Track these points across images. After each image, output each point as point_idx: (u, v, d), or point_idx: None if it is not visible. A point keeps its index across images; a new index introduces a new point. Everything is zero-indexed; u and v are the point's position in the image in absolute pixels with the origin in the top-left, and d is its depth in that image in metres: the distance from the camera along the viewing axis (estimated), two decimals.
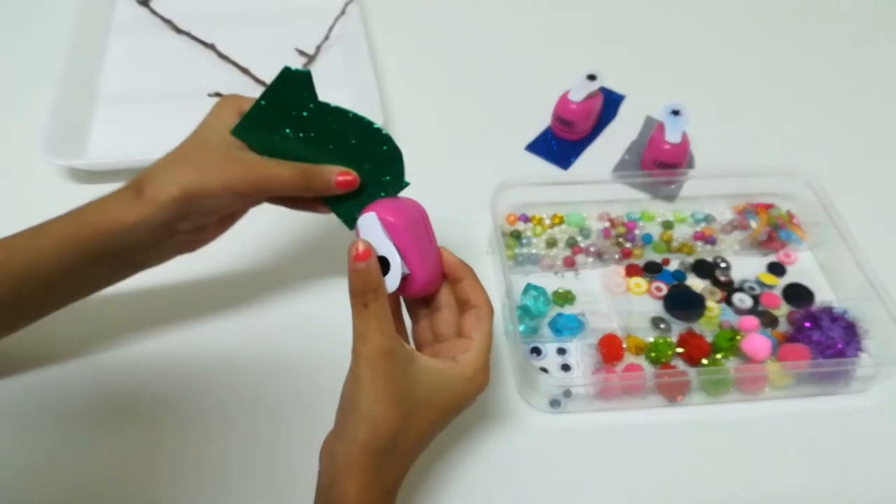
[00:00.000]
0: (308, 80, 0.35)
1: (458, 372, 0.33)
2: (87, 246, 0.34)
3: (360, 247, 0.30)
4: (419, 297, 0.37)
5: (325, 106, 0.36)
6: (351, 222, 0.38)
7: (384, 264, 0.33)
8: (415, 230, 0.35)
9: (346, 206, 0.37)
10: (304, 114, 0.35)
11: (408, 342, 0.37)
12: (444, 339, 0.36)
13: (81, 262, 0.35)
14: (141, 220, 0.34)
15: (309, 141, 0.36)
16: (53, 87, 0.56)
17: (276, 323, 0.46)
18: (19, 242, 0.35)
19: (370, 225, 0.34)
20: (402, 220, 0.34)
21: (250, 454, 0.40)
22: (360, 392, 0.30)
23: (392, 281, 0.33)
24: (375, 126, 0.35)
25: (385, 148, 0.36)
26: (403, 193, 0.37)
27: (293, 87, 0.35)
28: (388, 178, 0.36)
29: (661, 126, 0.53)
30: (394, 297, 0.36)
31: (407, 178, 0.37)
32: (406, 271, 0.34)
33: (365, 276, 0.30)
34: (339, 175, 0.36)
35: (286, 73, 0.35)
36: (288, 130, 0.36)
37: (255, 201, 0.38)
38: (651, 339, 0.45)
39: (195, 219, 0.36)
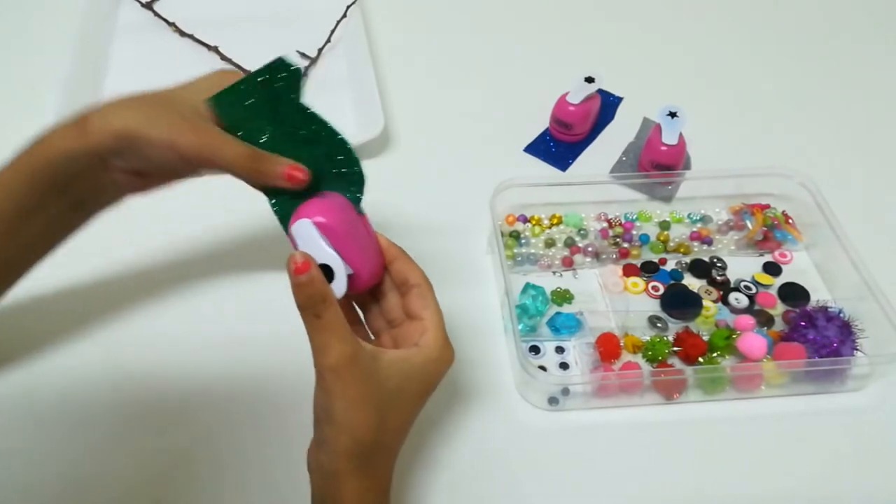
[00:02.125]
0: (298, 75, 0.34)
1: (423, 356, 0.33)
2: (36, 178, 0.34)
3: (298, 259, 0.29)
4: (367, 289, 0.36)
5: (305, 109, 0.35)
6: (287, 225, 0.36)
7: (327, 272, 0.32)
8: (350, 226, 0.33)
9: (289, 206, 0.35)
10: (283, 108, 0.35)
11: (365, 333, 0.37)
12: (397, 323, 0.36)
13: (32, 197, 0.34)
14: (79, 148, 0.33)
15: (277, 137, 0.35)
16: (58, 88, 0.56)
17: (280, 324, 0.46)
18: None
19: (306, 232, 0.32)
20: (337, 219, 0.33)
21: (251, 457, 0.40)
22: (332, 402, 0.30)
23: (339, 287, 0.32)
24: (348, 145, 0.35)
25: (354, 169, 0.35)
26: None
27: (282, 78, 0.34)
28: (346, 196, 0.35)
29: (658, 128, 0.54)
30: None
31: (407, 178, 0.37)
32: (350, 271, 0.33)
33: (309, 288, 0.29)
34: (290, 168, 0.34)
35: (279, 63, 0.34)
36: (261, 119, 0.35)
37: (201, 168, 0.36)
38: (648, 338, 0.45)
39: (130, 160, 0.34)
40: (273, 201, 0.35)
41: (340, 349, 0.30)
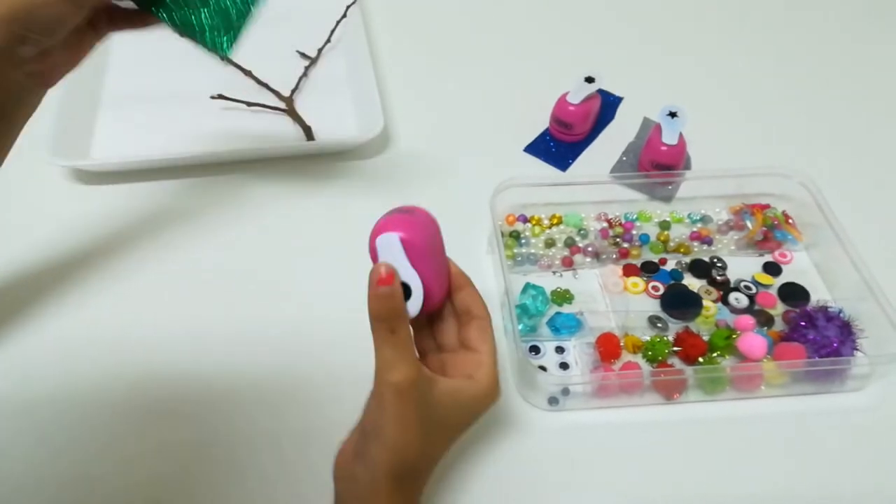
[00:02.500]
0: None
1: (476, 389, 0.33)
2: None
3: (384, 271, 0.29)
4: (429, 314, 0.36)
5: None
6: (177, 21, 0.36)
7: (405, 290, 0.31)
8: (431, 247, 0.33)
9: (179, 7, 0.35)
10: None
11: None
12: (447, 349, 0.36)
13: None
14: None
15: None
16: (58, 88, 0.55)
17: (291, 328, 0.46)
18: None
19: (391, 247, 0.31)
20: (423, 241, 0.32)
21: (252, 456, 0.40)
22: (386, 420, 0.30)
23: (413, 307, 0.32)
24: None
25: None
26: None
27: None
28: None
29: (658, 128, 0.54)
30: None
31: (407, 178, 0.36)
32: (423, 293, 0.32)
33: (390, 301, 0.29)
34: None
35: None
36: None
37: (88, 9, 0.35)
38: (648, 338, 0.45)
39: (34, 40, 0.34)
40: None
41: (407, 370, 0.29)
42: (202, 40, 0.36)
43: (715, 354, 0.44)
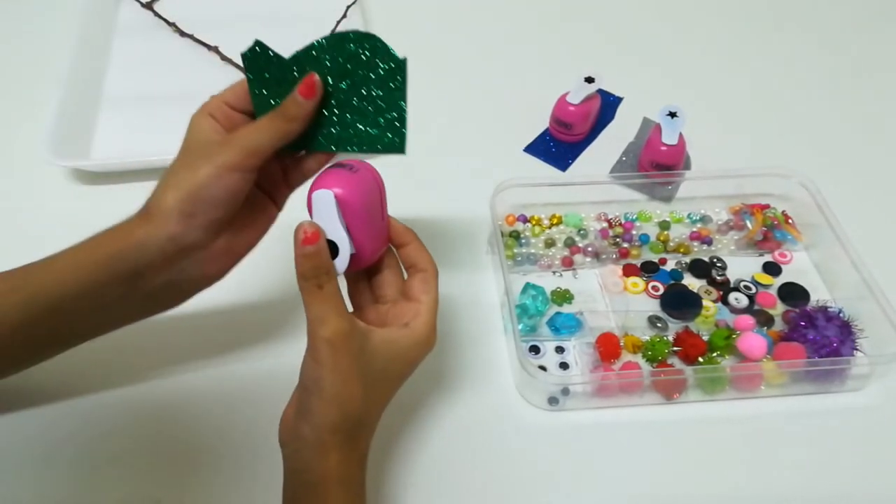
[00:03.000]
0: (264, 49, 0.34)
1: (412, 339, 0.33)
2: (100, 267, 0.33)
3: (309, 229, 0.30)
4: (359, 270, 0.36)
5: (298, 54, 0.34)
6: (336, 142, 0.34)
7: (332, 248, 0.32)
8: (369, 208, 0.33)
9: (325, 127, 0.34)
10: (285, 72, 0.34)
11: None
12: (385, 300, 0.36)
13: (94, 284, 0.33)
14: (149, 236, 0.33)
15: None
16: (58, 88, 0.56)
17: (292, 328, 0.46)
18: (35, 268, 0.34)
19: (325, 204, 0.32)
20: (359, 199, 0.33)
21: (252, 457, 0.40)
22: (324, 374, 0.30)
23: (340, 265, 0.32)
24: (346, 34, 0.33)
25: (362, 53, 0.33)
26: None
27: (261, 60, 0.34)
28: (379, 91, 0.33)
29: (657, 128, 0.54)
30: None
31: (407, 178, 0.36)
32: (352, 251, 0.33)
33: (315, 258, 0.30)
34: (299, 87, 0.33)
35: (248, 56, 0.34)
36: (284, 89, 0.34)
37: (254, 172, 0.34)
38: (648, 338, 0.45)
39: (202, 220, 0.33)
40: (315, 141, 0.35)
41: (338, 322, 0.30)
42: (374, 149, 0.34)
43: (715, 354, 0.44)
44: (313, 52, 0.34)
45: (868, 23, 0.72)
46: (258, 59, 0.34)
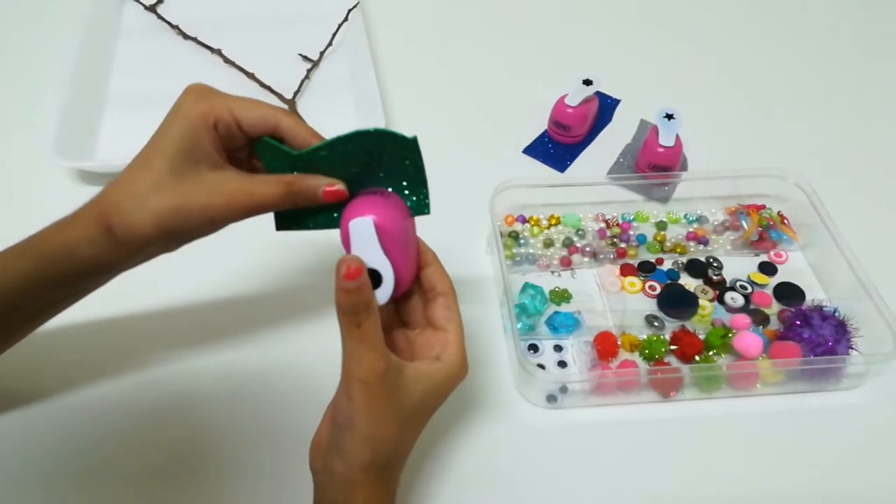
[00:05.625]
0: (270, 145, 0.33)
1: (445, 373, 0.32)
2: (50, 283, 0.32)
3: (353, 265, 0.28)
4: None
5: (310, 151, 0.33)
6: (319, 225, 0.34)
7: (375, 277, 0.30)
8: (405, 233, 0.32)
9: (322, 215, 0.34)
10: (294, 165, 0.33)
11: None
12: (413, 326, 0.35)
13: (40, 291, 0.33)
14: (116, 262, 0.32)
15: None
16: (63, 90, 0.57)
17: (294, 327, 0.46)
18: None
19: (365, 231, 0.30)
20: (396, 225, 0.31)
21: (252, 457, 0.41)
22: (358, 413, 0.29)
23: (383, 295, 0.31)
24: (354, 135, 0.32)
25: (418, 167, 0.33)
26: None
27: (274, 153, 0.33)
28: (396, 170, 0.33)
29: (654, 129, 0.55)
30: None
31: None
32: (394, 277, 0.32)
33: (356, 295, 0.28)
34: (327, 187, 0.33)
35: (261, 147, 0.33)
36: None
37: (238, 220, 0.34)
38: (645, 337, 0.45)
39: (170, 246, 0.33)
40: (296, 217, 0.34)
41: (374, 363, 0.29)
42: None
43: (711, 353, 0.45)
44: (322, 153, 0.33)
45: (863, 24, 0.73)
46: (266, 151, 0.33)
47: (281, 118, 0.33)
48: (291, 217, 0.35)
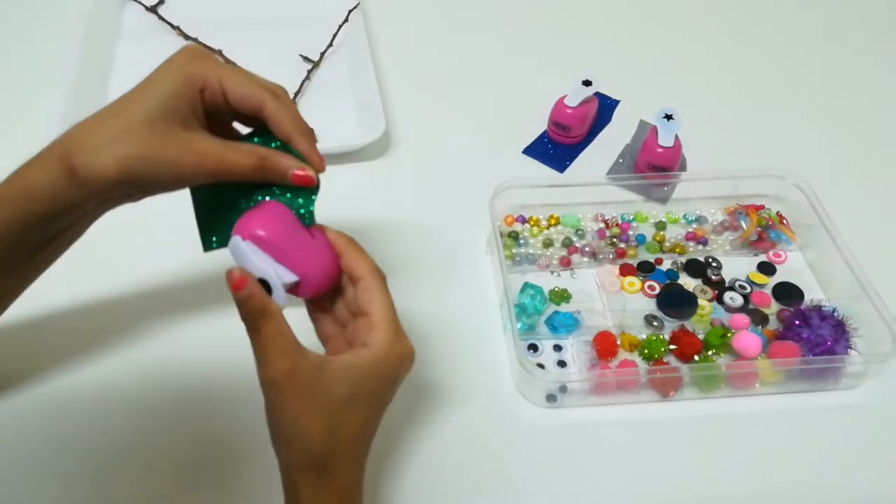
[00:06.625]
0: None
1: (372, 356, 0.31)
2: (14, 226, 0.32)
3: (235, 275, 0.29)
4: (325, 292, 0.34)
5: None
6: (211, 242, 0.35)
7: (265, 286, 0.31)
8: (288, 231, 0.33)
9: (213, 217, 0.35)
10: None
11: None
12: (347, 323, 0.34)
13: (7, 238, 0.32)
14: (77, 204, 0.31)
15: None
16: (64, 91, 0.57)
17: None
18: None
19: (239, 250, 0.32)
20: (271, 229, 0.32)
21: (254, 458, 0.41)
22: (275, 416, 0.30)
23: (279, 298, 0.31)
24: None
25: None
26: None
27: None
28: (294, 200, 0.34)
29: (654, 130, 0.55)
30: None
31: (408, 179, 0.35)
32: (294, 278, 0.32)
33: (248, 302, 0.29)
34: (297, 170, 0.33)
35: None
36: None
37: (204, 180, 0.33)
38: (644, 337, 0.46)
39: (133, 195, 0.33)
40: (207, 212, 0.35)
41: (278, 362, 0.29)
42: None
43: (710, 353, 0.45)
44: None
45: (862, 24, 0.73)
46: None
47: (266, 100, 0.32)
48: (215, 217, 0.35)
